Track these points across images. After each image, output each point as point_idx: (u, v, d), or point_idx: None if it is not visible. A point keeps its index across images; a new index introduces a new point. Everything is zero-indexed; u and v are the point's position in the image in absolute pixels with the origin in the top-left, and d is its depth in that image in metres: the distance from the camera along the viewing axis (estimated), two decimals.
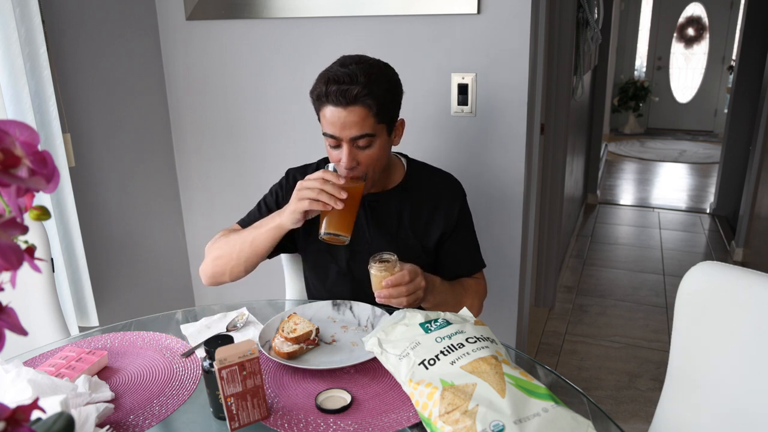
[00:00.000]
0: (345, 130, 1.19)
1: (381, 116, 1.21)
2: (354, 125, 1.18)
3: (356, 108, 1.17)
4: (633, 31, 7.50)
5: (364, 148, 1.22)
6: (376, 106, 1.19)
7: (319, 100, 1.21)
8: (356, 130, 1.19)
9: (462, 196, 1.41)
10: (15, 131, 0.43)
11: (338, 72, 1.19)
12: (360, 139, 1.20)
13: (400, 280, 1.13)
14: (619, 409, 2.27)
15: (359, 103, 1.17)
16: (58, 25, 1.72)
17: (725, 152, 4.32)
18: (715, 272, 1.07)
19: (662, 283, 3.38)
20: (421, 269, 1.18)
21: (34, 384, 0.91)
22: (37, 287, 1.42)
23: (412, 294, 1.15)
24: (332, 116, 1.19)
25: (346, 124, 1.18)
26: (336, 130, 1.19)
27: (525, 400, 0.83)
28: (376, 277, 1.14)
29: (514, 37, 1.66)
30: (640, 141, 7.26)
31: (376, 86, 1.18)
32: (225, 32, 2.00)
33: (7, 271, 0.41)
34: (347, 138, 1.20)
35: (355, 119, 1.18)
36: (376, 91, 1.18)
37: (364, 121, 1.19)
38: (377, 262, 1.14)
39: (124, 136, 2.01)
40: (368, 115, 1.19)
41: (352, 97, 1.16)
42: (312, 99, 1.25)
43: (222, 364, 0.88)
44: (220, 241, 1.34)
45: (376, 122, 1.21)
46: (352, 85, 1.16)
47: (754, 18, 3.97)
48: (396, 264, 1.15)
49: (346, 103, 1.17)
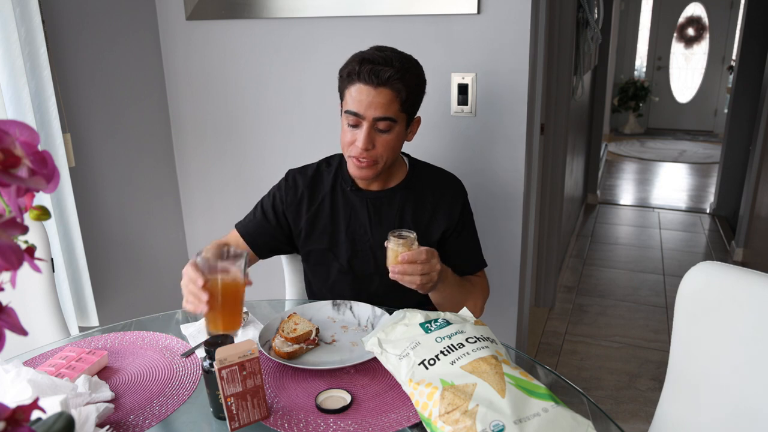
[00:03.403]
0: (370, 109, 1.20)
1: (406, 105, 1.24)
2: (380, 106, 1.20)
3: (385, 90, 1.19)
4: (633, 31, 7.50)
5: (382, 132, 1.24)
6: (405, 93, 1.21)
7: (350, 77, 1.22)
8: (381, 111, 1.20)
9: (464, 195, 1.42)
10: (15, 131, 0.43)
11: (374, 54, 1.21)
12: (381, 122, 1.22)
13: (416, 257, 1.11)
14: (619, 409, 2.27)
15: (389, 86, 1.19)
16: (58, 25, 1.72)
17: (725, 152, 4.32)
18: (715, 272, 1.07)
19: (662, 283, 3.38)
20: (438, 254, 1.16)
21: (34, 384, 0.91)
22: (37, 287, 1.42)
23: (426, 275, 1.13)
24: (360, 94, 1.20)
25: (372, 104, 1.20)
26: (361, 108, 1.20)
27: (525, 400, 0.83)
28: (392, 251, 1.12)
29: (514, 37, 1.66)
30: (640, 141, 7.26)
31: (408, 74, 1.21)
32: (225, 32, 2.00)
33: (7, 271, 0.41)
34: (370, 117, 1.21)
35: (383, 101, 1.20)
36: (408, 79, 1.21)
37: (390, 104, 1.21)
38: (396, 237, 1.12)
39: (124, 136, 2.01)
40: (395, 100, 1.21)
41: (385, 78, 1.18)
42: (341, 77, 1.25)
43: (222, 364, 0.88)
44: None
45: (400, 109, 1.23)
46: (387, 67, 1.19)
47: (754, 18, 3.97)
48: (414, 242, 1.13)
49: (377, 83, 1.18)
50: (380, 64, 1.19)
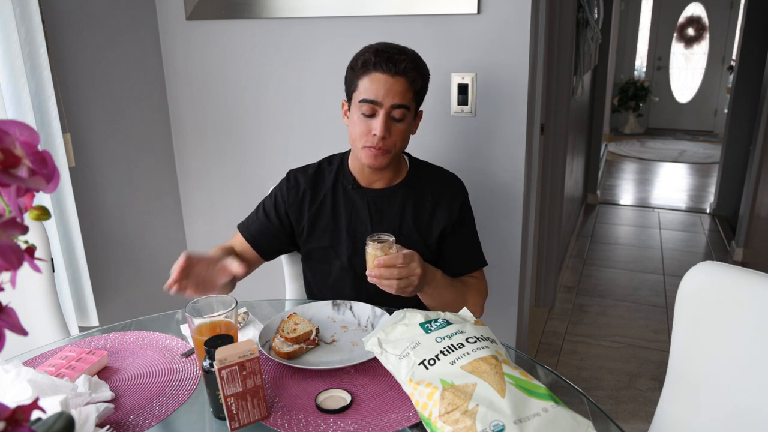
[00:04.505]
0: (388, 96, 1.23)
1: (417, 95, 1.28)
2: (397, 93, 1.23)
3: (401, 79, 1.23)
4: (633, 31, 7.50)
5: (397, 121, 1.26)
6: (420, 82, 1.27)
7: (365, 67, 1.24)
8: (398, 98, 1.23)
9: (464, 193, 1.42)
10: (15, 131, 0.43)
11: (387, 45, 1.26)
12: (397, 109, 1.24)
13: (392, 261, 1.12)
14: (619, 409, 2.27)
15: (405, 75, 1.23)
16: (58, 25, 1.72)
17: (725, 152, 4.32)
18: (715, 272, 1.07)
19: (662, 283, 3.38)
20: (420, 257, 1.17)
21: (34, 384, 0.91)
22: (37, 287, 1.42)
23: (404, 279, 1.13)
24: (377, 82, 1.23)
25: (390, 91, 1.23)
26: (379, 96, 1.23)
27: (525, 400, 0.83)
28: (370, 255, 1.13)
29: (514, 37, 1.66)
30: (640, 141, 7.26)
31: (420, 64, 1.28)
32: (225, 32, 2.00)
33: (7, 271, 0.41)
34: (388, 105, 1.23)
35: (400, 89, 1.23)
36: (421, 69, 1.28)
37: (406, 92, 1.24)
38: (374, 242, 1.14)
39: (124, 136, 2.01)
40: (409, 89, 1.25)
41: (402, 68, 1.22)
42: (352, 69, 1.27)
43: (222, 364, 0.88)
44: None
45: (413, 98, 1.27)
46: (402, 56, 1.23)
47: (754, 18, 3.97)
48: (392, 246, 1.13)
49: (395, 71, 1.22)
50: (396, 54, 1.23)
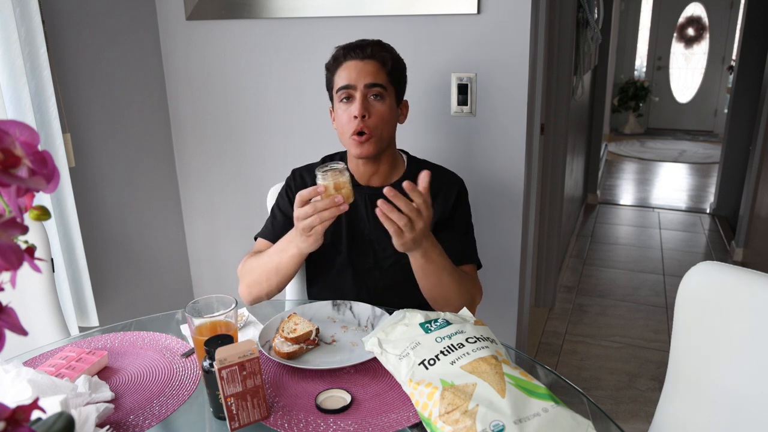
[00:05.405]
0: (360, 77, 1.29)
1: (392, 76, 1.33)
2: (369, 73, 1.29)
3: (372, 61, 1.30)
4: (633, 31, 7.50)
5: (375, 100, 1.30)
6: (390, 63, 1.32)
7: (336, 61, 1.32)
8: (371, 77, 1.29)
9: (460, 188, 1.42)
10: (15, 131, 0.43)
11: (354, 41, 1.34)
12: (373, 88, 1.29)
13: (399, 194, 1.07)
14: (619, 409, 2.27)
15: (374, 57, 1.31)
16: (58, 25, 1.72)
17: (725, 152, 4.32)
18: (715, 272, 1.07)
19: (662, 283, 3.38)
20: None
21: (34, 384, 0.91)
22: (37, 287, 1.42)
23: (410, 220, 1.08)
24: (349, 69, 1.30)
25: (362, 72, 1.29)
26: (352, 79, 1.29)
27: (525, 400, 0.83)
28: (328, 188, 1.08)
29: (514, 37, 1.66)
30: (640, 141, 7.26)
31: (387, 50, 1.35)
32: (225, 32, 2.00)
33: (7, 271, 0.41)
34: (362, 85, 1.28)
35: (371, 69, 1.30)
36: (389, 52, 1.34)
37: (378, 71, 1.30)
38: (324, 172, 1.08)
39: (124, 136, 2.01)
40: (381, 69, 1.31)
41: (369, 51, 1.30)
42: (327, 69, 1.35)
43: (222, 364, 0.88)
44: (248, 265, 1.35)
45: (388, 79, 1.32)
46: (369, 42, 1.32)
47: (754, 18, 3.97)
48: (344, 173, 1.10)
49: (363, 56, 1.30)
50: (363, 43, 1.32)
